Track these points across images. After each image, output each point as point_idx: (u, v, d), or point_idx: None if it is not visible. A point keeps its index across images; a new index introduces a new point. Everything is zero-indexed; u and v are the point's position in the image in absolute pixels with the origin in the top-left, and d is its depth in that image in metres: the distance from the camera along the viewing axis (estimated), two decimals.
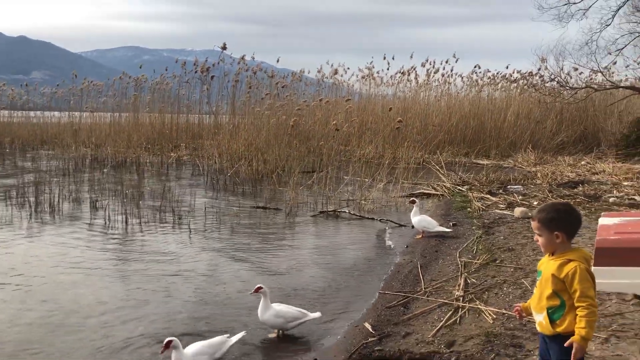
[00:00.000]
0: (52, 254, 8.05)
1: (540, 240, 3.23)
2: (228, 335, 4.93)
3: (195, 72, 22.05)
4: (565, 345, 3.03)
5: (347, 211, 11.33)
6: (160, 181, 15.56)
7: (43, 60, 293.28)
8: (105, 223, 10.22)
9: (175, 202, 12.04)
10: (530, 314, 3.37)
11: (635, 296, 5.27)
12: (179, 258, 8.01)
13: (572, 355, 3.00)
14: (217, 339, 4.83)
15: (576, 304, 3.04)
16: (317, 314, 5.51)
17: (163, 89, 24.42)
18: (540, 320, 3.19)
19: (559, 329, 3.10)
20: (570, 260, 3.10)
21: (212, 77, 21.06)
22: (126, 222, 10.27)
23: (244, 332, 5.04)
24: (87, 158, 20.00)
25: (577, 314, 3.04)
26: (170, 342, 4.47)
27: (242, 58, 21.73)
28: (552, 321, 3.13)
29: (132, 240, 9.11)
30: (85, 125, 24.67)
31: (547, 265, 3.20)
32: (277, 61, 24.10)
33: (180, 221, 10.33)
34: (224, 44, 19.03)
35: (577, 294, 3.04)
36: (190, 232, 9.54)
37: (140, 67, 26.17)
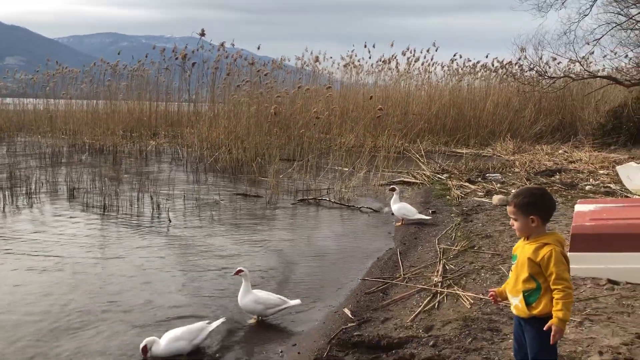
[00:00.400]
0: (28, 241, 7.94)
1: (515, 224, 3.26)
2: (208, 321, 4.92)
3: (176, 58, 21.76)
4: (544, 328, 3.07)
5: (327, 199, 11.34)
6: (139, 169, 15.40)
7: (18, 45, 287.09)
8: (83, 210, 10.09)
9: (154, 189, 11.93)
10: (506, 298, 3.40)
11: (609, 281, 5.38)
12: (158, 244, 7.95)
13: (552, 337, 3.05)
14: (196, 325, 4.82)
15: (552, 287, 3.09)
16: (297, 302, 5.53)
17: (141, 75, 24.09)
18: (517, 303, 3.23)
19: (535, 312, 3.15)
20: (545, 244, 3.15)
21: (194, 64, 20.81)
22: (104, 209, 10.16)
23: (223, 318, 5.04)
24: (64, 145, 19.70)
25: (553, 297, 3.09)
26: (144, 347, 4.48)
27: (222, 45, 21.50)
28: (528, 304, 3.17)
29: (110, 227, 9.02)
30: (62, 112, 24.26)
31: (523, 249, 3.24)
32: (258, 48, 24.03)
33: (159, 208, 10.25)
34: (203, 30, 18.80)
35: (553, 276, 3.08)
36: (169, 219, 9.47)
37: (119, 54, 25.77)
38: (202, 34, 19.20)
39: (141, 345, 4.49)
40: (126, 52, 27.63)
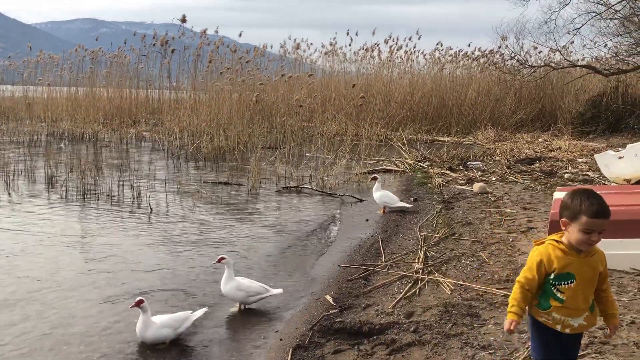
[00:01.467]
0: (7, 230, 7.83)
1: (599, 237, 2.80)
2: (191, 311, 4.94)
3: (154, 45, 21.51)
4: (613, 328, 2.99)
5: (309, 187, 11.35)
6: (119, 157, 15.25)
7: None
8: (63, 198, 9.98)
9: (135, 177, 11.82)
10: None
11: None
12: (139, 233, 7.90)
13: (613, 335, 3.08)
14: (181, 314, 4.84)
15: (605, 287, 2.95)
16: (279, 290, 5.54)
17: (121, 62, 23.78)
18: (581, 322, 2.88)
19: (598, 317, 2.98)
20: (596, 250, 2.91)
21: (173, 50, 20.58)
22: (84, 197, 10.05)
23: (205, 308, 5.05)
24: (42, 133, 19.41)
25: (608, 296, 2.96)
26: (142, 300, 4.57)
27: (204, 32, 21.31)
28: (594, 315, 2.94)
29: (90, 215, 8.93)
30: (41, 99, 23.88)
31: (582, 264, 2.84)
32: (240, 35, 23.75)
33: (139, 197, 10.16)
34: (184, 17, 18.58)
35: (607, 277, 2.95)
36: (150, 207, 9.41)
37: (97, 40, 25.40)
38: (184, 20, 18.99)
39: (139, 298, 4.60)
40: (106, 39, 27.23)
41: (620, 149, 10.90)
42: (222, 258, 5.41)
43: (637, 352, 3.77)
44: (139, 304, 4.55)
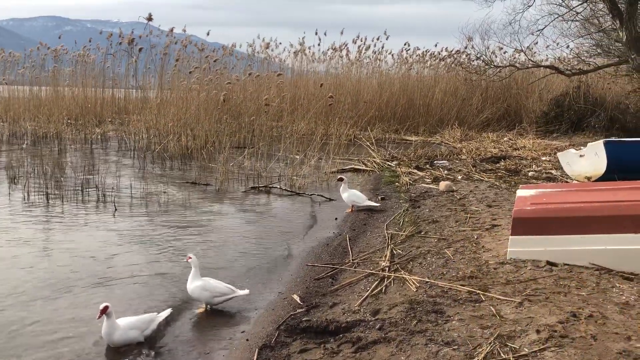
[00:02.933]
0: None
1: None
2: (157, 312, 4.89)
3: (120, 44, 21.14)
4: None
5: (278, 187, 11.33)
6: (84, 157, 14.96)
7: None
8: (24, 200, 9.74)
9: (100, 178, 11.61)
10: None
11: (548, 263, 5.59)
12: (103, 234, 7.77)
13: None
14: (147, 315, 4.81)
15: None
16: (246, 292, 5.52)
17: (85, 61, 23.30)
18: None
19: None
20: None
21: (140, 49, 20.25)
22: (47, 199, 9.83)
23: (170, 309, 5.01)
24: (3, 133, 18.92)
25: None
26: (106, 307, 4.49)
27: (171, 30, 21.06)
28: None
29: (53, 217, 8.74)
30: (1, 98, 23.26)
31: None
32: (208, 34, 23.52)
33: (104, 198, 9.99)
34: (150, 15, 18.31)
35: None
36: (115, 208, 9.26)
37: (60, 38, 24.82)
38: (150, 18, 18.71)
39: (102, 305, 4.50)
40: (70, 37, 26.60)
41: (581, 147, 11.18)
42: (189, 257, 5.40)
43: (595, 345, 3.87)
44: (104, 311, 4.47)
